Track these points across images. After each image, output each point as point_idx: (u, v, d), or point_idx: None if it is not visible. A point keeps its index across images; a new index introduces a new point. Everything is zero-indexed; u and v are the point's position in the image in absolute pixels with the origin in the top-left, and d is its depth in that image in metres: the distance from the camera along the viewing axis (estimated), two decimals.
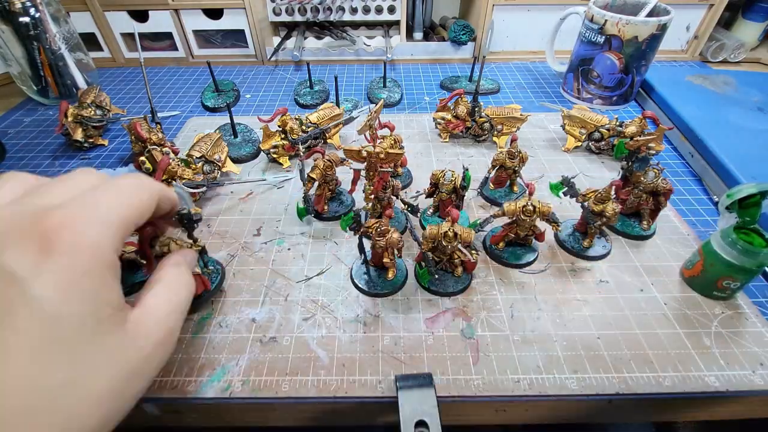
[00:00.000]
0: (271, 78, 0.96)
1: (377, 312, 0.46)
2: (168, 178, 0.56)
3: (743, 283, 0.45)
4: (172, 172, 0.55)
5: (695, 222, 0.58)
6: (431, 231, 0.45)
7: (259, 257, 0.53)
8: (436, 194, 0.55)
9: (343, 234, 0.54)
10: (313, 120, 0.67)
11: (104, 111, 0.74)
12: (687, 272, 0.49)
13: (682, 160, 0.70)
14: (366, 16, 0.95)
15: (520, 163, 0.58)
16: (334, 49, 1.00)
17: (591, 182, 0.64)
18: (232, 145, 0.69)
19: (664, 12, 0.74)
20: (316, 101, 0.83)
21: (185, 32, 0.96)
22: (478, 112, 0.69)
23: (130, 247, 0.49)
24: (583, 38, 0.78)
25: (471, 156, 0.70)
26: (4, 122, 0.81)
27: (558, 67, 0.91)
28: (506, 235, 0.51)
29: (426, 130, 0.76)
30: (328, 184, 0.57)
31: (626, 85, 0.79)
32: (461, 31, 0.97)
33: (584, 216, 0.51)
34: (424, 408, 0.28)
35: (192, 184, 0.57)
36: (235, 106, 0.85)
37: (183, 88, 0.92)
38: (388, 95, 0.84)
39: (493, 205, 0.60)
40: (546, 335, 0.44)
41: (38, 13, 0.76)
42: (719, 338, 0.44)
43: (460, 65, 1.00)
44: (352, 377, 0.40)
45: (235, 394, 0.39)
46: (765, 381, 0.40)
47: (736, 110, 0.73)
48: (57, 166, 0.69)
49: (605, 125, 0.67)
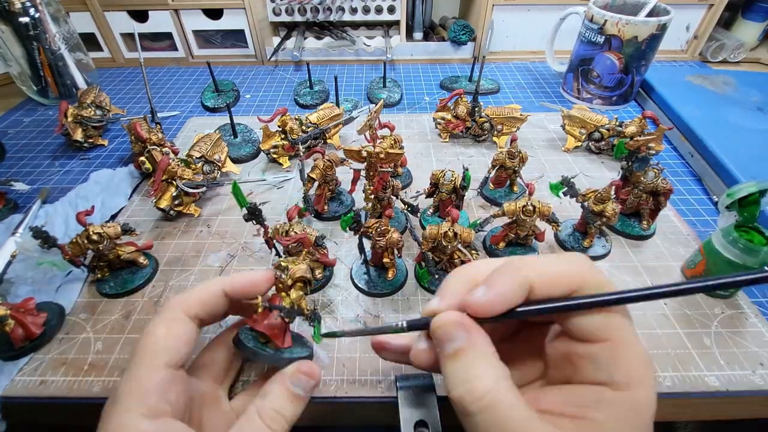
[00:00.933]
0: (271, 78, 0.96)
1: (377, 312, 0.46)
2: (168, 178, 0.56)
3: None
4: (172, 172, 0.55)
5: (695, 222, 0.58)
6: (431, 231, 0.45)
7: (259, 257, 0.53)
8: (436, 194, 0.55)
9: (343, 234, 0.54)
10: (313, 120, 0.67)
11: (104, 111, 0.74)
12: (689, 271, 0.49)
13: (682, 160, 0.70)
14: (366, 16, 0.95)
15: (520, 163, 0.58)
16: (334, 49, 1.00)
17: (591, 182, 0.64)
18: (232, 145, 0.69)
19: (663, 12, 0.74)
20: (316, 101, 0.83)
21: (185, 32, 0.96)
22: (478, 112, 0.69)
23: (130, 247, 0.49)
24: (583, 38, 0.78)
25: (471, 156, 0.70)
26: (4, 122, 0.81)
27: (558, 67, 0.91)
28: (506, 235, 0.51)
29: (426, 130, 0.76)
30: (328, 184, 0.57)
31: (626, 85, 0.79)
32: (461, 31, 0.97)
33: (584, 216, 0.51)
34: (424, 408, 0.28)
35: (192, 184, 0.57)
36: (235, 106, 0.85)
37: (183, 88, 0.92)
38: (388, 95, 0.84)
39: (493, 205, 0.60)
40: None
41: (38, 13, 0.76)
42: (719, 338, 0.43)
43: (460, 65, 1.00)
44: (352, 377, 0.40)
45: (236, 394, 0.39)
46: (765, 381, 0.40)
47: (736, 110, 0.73)
48: (57, 166, 0.69)
49: (605, 125, 0.66)
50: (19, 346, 0.42)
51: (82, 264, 0.48)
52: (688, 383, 0.40)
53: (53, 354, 0.43)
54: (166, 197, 0.56)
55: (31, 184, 0.65)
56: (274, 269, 0.35)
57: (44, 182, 0.65)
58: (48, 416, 0.42)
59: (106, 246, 0.47)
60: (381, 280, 0.48)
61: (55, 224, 0.56)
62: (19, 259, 0.51)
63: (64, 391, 0.40)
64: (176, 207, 0.57)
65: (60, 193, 0.62)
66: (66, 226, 0.56)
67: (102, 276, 0.49)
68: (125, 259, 0.49)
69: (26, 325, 0.41)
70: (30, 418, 0.42)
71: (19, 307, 0.42)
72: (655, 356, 0.42)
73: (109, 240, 0.47)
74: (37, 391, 0.40)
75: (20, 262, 0.51)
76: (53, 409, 0.40)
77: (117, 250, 0.48)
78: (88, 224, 0.46)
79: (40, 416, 0.42)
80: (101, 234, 0.46)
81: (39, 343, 0.43)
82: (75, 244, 0.46)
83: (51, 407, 0.40)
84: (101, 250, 0.47)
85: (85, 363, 0.42)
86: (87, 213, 0.47)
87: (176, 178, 0.56)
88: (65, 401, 0.39)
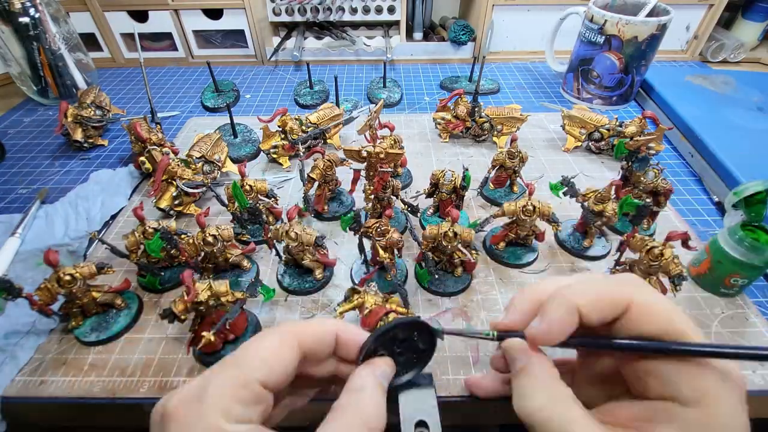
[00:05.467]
0: (271, 78, 0.96)
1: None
2: (168, 178, 0.56)
3: (750, 280, 0.45)
4: (172, 172, 0.55)
5: (695, 222, 0.58)
6: (431, 231, 0.45)
7: (260, 257, 0.53)
8: (436, 194, 0.55)
9: (343, 234, 0.54)
10: (313, 120, 0.67)
11: (104, 111, 0.74)
12: (694, 270, 0.49)
13: (682, 160, 0.70)
14: (366, 16, 0.95)
15: (520, 163, 0.58)
16: (334, 49, 1.00)
17: (591, 182, 0.64)
18: (232, 145, 0.69)
19: (663, 12, 0.74)
20: (316, 101, 0.83)
21: (185, 32, 0.96)
22: (478, 112, 0.69)
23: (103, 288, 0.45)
24: (583, 38, 0.78)
25: (471, 156, 0.70)
26: (4, 122, 0.81)
27: (558, 67, 0.91)
28: (506, 235, 0.51)
29: (426, 130, 0.76)
30: (328, 184, 0.57)
31: (626, 85, 0.79)
32: (461, 31, 0.97)
33: (584, 216, 0.51)
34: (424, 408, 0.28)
35: (192, 184, 0.57)
36: (235, 106, 0.85)
37: (183, 88, 0.92)
38: (388, 95, 0.84)
39: (493, 205, 0.60)
40: None
41: (38, 13, 0.76)
42: (719, 338, 0.43)
43: (460, 65, 1.00)
44: None
45: None
46: (765, 381, 0.40)
47: (736, 110, 0.73)
48: (57, 166, 0.69)
49: (605, 125, 0.66)
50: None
51: (53, 313, 0.42)
52: None
53: (53, 354, 0.43)
54: (166, 197, 0.56)
55: (31, 184, 0.65)
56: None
57: (44, 182, 0.65)
58: (48, 416, 0.42)
59: (79, 288, 0.41)
60: (381, 280, 0.48)
61: (55, 224, 0.56)
62: (19, 259, 0.51)
63: (64, 391, 0.39)
64: (176, 207, 0.57)
65: (60, 193, 0.62)
66: (66, 226, 0.55)
67: (76, 324, 0.43)
68: (101, 302, 0.44)
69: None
70: (30, 418, 0.42)
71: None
72: None
73: (83, 281, 0.41)
74: (37, 391, 0.40)
75: (20, 262, 0.51)
76: (53, 409, 0.40)
77: (91, 292, 0.43)
78: (58, 267, 0.41)
79: (40, 416, 0.42)
80: (73, 275, 0.41)
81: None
82: (44, 291, 0.40)
83: (51, 407, 0.40)
84: (74, 293, 0.41)
85: (85, 363, 0.42)
86: (53, 255, 0.40)
87: (176, 178, 0.56)
88: (65, 401, 0.39)
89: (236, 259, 0.48)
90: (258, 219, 0.50)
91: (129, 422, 0.42)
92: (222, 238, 0.45)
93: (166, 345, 0.43)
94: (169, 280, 0.49)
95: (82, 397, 0.39)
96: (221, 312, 0.40)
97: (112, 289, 0.44)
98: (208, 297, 0.38)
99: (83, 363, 0.42)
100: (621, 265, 0.47)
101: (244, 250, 0.48)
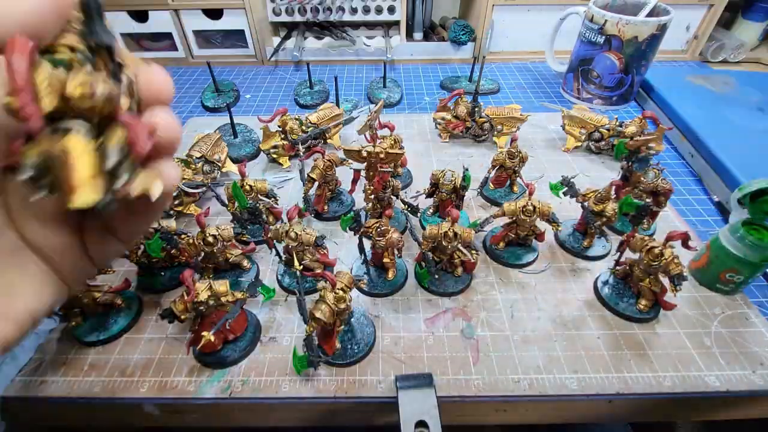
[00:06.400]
0: (271, 78, 0.96)
1: (377, 312, 0.46)
2: None
3: (747, 277, 0.45)
4: None
5: (695, 222, 0.58)
6: (431, 231, 0.45)
7: (260, 257, 0.53)
8: (436, 194, 0.55)
9: (343, 234, 0.54)
10: (313, 120, 0.67)
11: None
12: (693, 264, 0.49)
13: (682, 160, 0.70)
14: (366, 16, 0.95)
15: (520, 163, 0.58)
16: (334, 49, 1.00)
17: (591, 182, 0.64)
18: (232, 146, 0.69)
19: (664, 12, 0.74)
20: (316, 101, 0.83)
21: (185, 32, 0.96)
22: (478, 112, 0.69)
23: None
24: (583, 38, 0.78)
25: (471, 156, 0.70)
26: None
27: (558, 67, 0.91)
28: (506, 235, 0.51)
29: (426, 130, 0.76)
30: (328, 184, 0.57)
31: (626, 85, 0.79)
32: (461, 31, 0.97)
33: (584, 216, 0.51)
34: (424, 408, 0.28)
35: (192, 184, 0.57)
36: (235, 106, 0.85)
37: (183, 88, 0.92)
38: (388, 95, 0.84)
39: (493, 205, 0.60)
40: (546, 335, 0.44)
41: None
42: (719, 338, 0.43)
43: (460, 65, 1.00)
44: (352, 377, 0.40)
45: (235, 394, 0.39)
46: (765, 381, 0.40)
47: (736, 110, 0.73)
48: None
49: (605, 125, 0.66)
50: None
51: (54, 313, 0.42)
52: (688, 383, 0.40)
53: (53, 354, 0.42)
54: None
55: None
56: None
57: None
58: (48, 416, 0.42)
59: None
60: (381, 280, 0.48)
61: None
62: None
63: (64, 391, 0.39)
64: (176, 207, 0.57)
65: None
66: None
67: (76, 324, 0.43)
68: (101, 302, 0.44)
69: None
70: (30, 418, 0.42)
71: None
72: (655, 356, 0.42)
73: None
74: (37, 391, 0.40)
75: None
76: (53, 409, 0.40)
77: (92, 292, 0.43)
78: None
79: (40, 416, 0.42)
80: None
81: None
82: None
83: (51, 407, 0.40)
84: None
85: (85, 363, 0.42)
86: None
87: None
88: (65, 401, 0.39)
89: (236, 259, 0.48)
90: (258, 219, 0.50)
91: (129, 422, 0.42)
92: (222, 238, 0.45)
93: (166, 345, 0.43)
94: (170, 280, 0.49)
95: (82, 397, 0.39)
96: (221, 312, 0.40)
97: (112, 289, 0.44)
98: (208, 297, 0.38)
99: (83, 363, 0.42)
100: (621, 265, 0.47)
101: (244, 250, 0.48)
